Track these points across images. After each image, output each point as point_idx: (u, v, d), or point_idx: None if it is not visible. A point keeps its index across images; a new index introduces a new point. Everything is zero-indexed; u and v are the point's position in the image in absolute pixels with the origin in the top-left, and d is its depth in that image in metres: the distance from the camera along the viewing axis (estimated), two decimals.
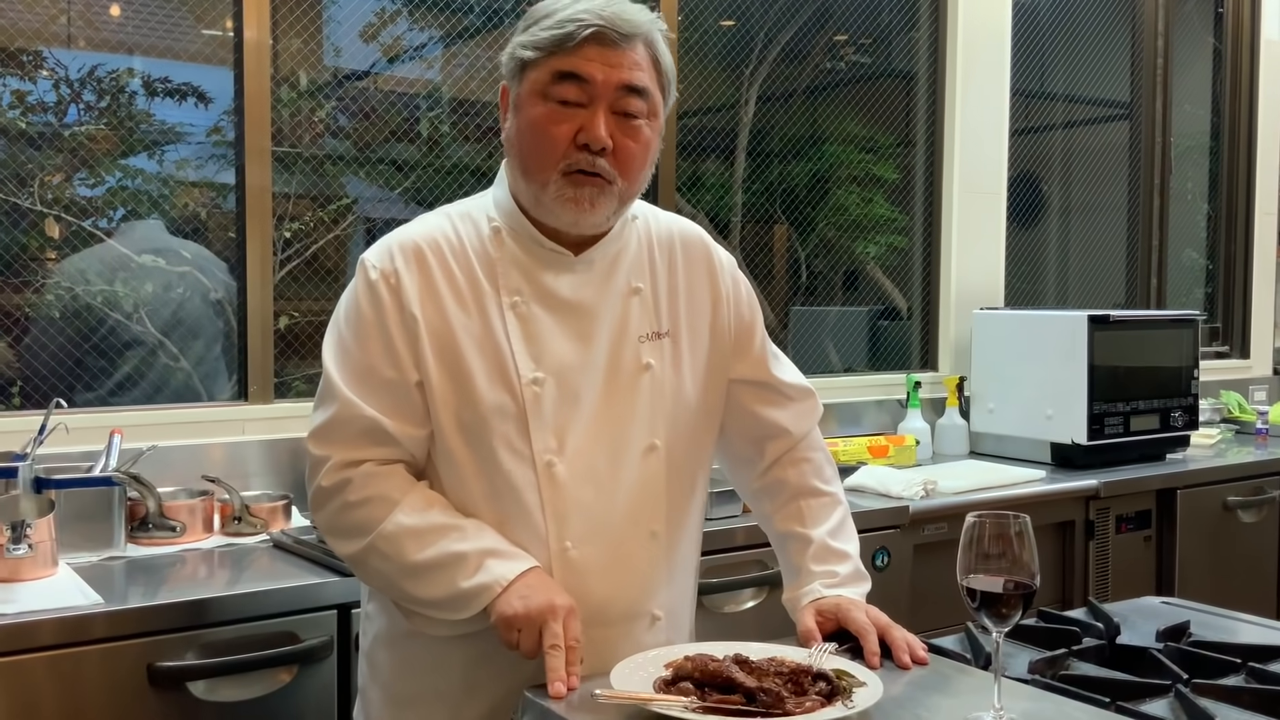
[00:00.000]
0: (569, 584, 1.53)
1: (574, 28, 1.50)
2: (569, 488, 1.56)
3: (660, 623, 1.64)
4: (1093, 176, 4.89)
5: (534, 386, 1.55)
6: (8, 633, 1.78)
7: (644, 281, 1.66)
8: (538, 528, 1.55)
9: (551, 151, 1.52)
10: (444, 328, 1.55)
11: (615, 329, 1.61)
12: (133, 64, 2.83)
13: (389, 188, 3.21)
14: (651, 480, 1.62)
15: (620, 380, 1.60)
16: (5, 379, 2.64)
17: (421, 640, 1.59)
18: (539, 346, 1.57)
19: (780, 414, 1.78)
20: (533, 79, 1.53)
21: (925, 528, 2.87)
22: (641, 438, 1.61)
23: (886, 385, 3.77)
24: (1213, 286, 5.07)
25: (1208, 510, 3.48)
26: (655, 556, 1.63)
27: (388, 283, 1.55)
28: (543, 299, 1.59)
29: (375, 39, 3.22)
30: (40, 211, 2.68)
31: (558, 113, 1.52)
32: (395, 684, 1.64)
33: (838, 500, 1.79)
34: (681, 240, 1.72)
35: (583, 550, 1.56)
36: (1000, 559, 1.33)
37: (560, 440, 1.56)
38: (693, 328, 1.69)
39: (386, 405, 1.54)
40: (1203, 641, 1.72)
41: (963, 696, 1.45)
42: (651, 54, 1.56)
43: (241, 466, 2.62)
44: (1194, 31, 4.99)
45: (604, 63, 1.51)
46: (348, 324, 1.58)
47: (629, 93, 1.53)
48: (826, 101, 4.13)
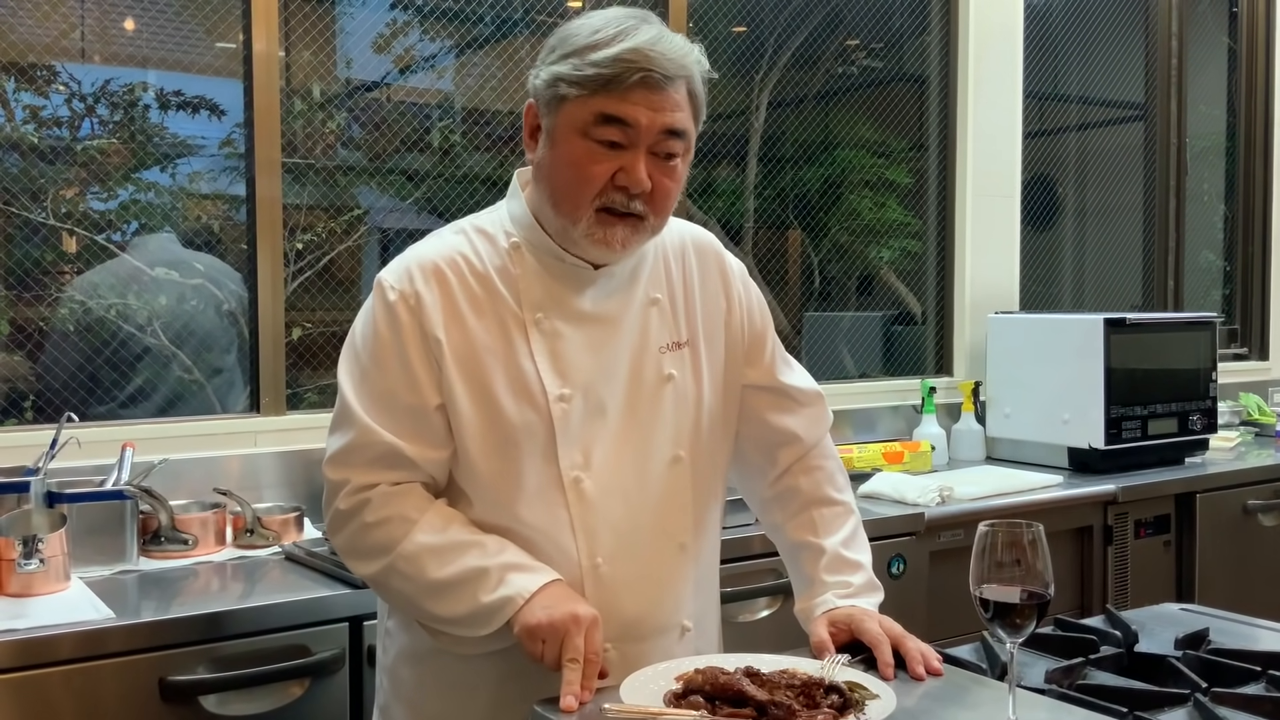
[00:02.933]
0: (601, 600, 1.52)
1: (622, 69, 1.46)
2: (597, 503, 1.55)
3: (690, 634, 1.64)
4: (1108, 178, 4.86)
5: (561, 403, 1.54)
6: (20, 648, 1.78)
7: (661, 291, 1.65)
8: (567, 545, 1.54)
9: (588, 190, 1.50)
10: (467, 349, 1.53)
11: (637, 341, 1.61)
12: (147, 78, 2.84)
13: (401, 198, 3.21)
14: (678, 491, 1.62)
15: (644, 392, 1.60)
16: (18, 393, 2.65)
17: (449, 657, 1.58)
18: (564, 362, 1.56)
19: (791, 420, 1.76)
20: (572, 114, 1.49)
21: (941, 535, 2.84)
22: (667, 449, 1.61)
23: (901, 391, 3.75)
24: (1230, 288, 5.03)
25: (1227, 514, 3.45)
26: (684, 568, 1.63)
27: (407, 304, 1.53)
28: (565, 314, 1.58)
29: (387, 50, 3.22)
30: (53, 226, 2.69)
31: (597, 153, 1.49)
32: (421, 702, 1.62)
33: (850, 509, 1.78)
34: (695, 247, 1.72)
35: (614, 566, 1.55)
36: (1014, 568, 1.32)
37: (587, 456, 1.55)
38: (709, 336, 1.68)
39: (405, 430, 1.52)
40: (1222, 649, 1.70)
41: (978, 708, 1.43)
42: (690, 93, 1.53)
43: (254, 479, 2.62)
44: (1208, 31, 4.96)
45: (648, 107, 1.48)
46: (365, 346, 1.56)
47: (670, 135, 1.50)
48: (838, 106, 4.11)
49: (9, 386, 2.63)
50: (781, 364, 1.78)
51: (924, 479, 3.06)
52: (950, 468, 3.46)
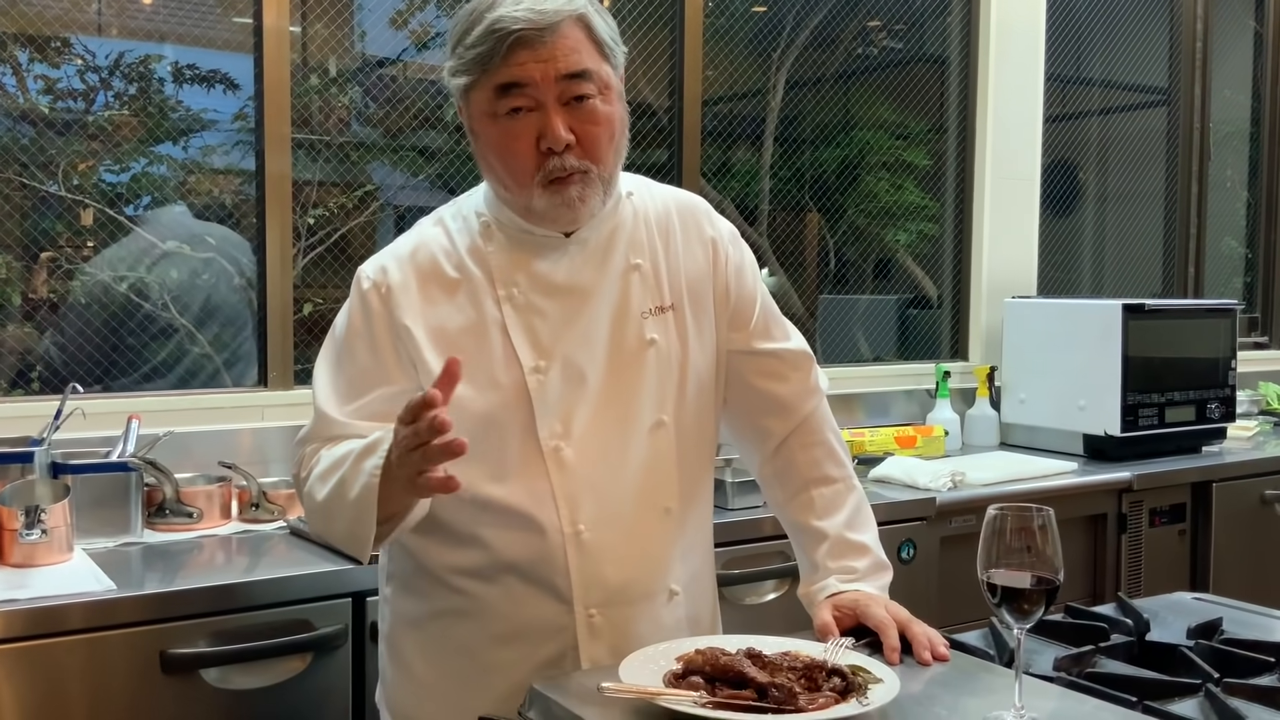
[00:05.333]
0: (585, 566, 1.54)
1: (495, 40, 1.46)
2: (578, 471, 1.55)
3: (678, 598, 1.64)
4: (1129, 163, 4.80)
5: (536, 374, 1.56)
6: (20, 618, 1.78)
7: (643, 257, 1.63)
8: (549, 513, 1.55)
9: (522, 167, 1.51)
10: (441, 329, 1.56)
11: (616, 307, 1.60)
12: (163, 51, 2.82)
13: (414, 174, 3.19)
14: (662, 457, 1.61)
15: (624, 358, 1.59)
16: (26, 364, 2.64)
17: (443, 622, 1.60)
18: (538, 334, 1.57)
19: (779, 386, 1.72)
20: (477, 100, 1.52)
21: (952, 520, 2.82)
22: (649, 414, 1.60)
23: (915, 375, 3.71)
24: (1252, 276, 4.98)
25: (1244, 504, 3.41)
26: (669, 533, 1.62)
27: (378, 293, 1.58)
28: (538, 286, 1.58)
29: (403, 25, 3.20)
30: (63, 197, 2.67)
31: (512, 126, 1.49)
32: (417, 667, 1.64)
33: (851, 485, 1.73)
34: (678, 210, 1.69)
35: (596, 532, 1.56)
36: (1023, 553, 1.29)
37: (566, 424, 1.56)
38: (695, 299, 1.66)
39: (367, 412, 1.56)
40: (1235, 639, 1.67)
41: (985, 695, 1.41)
42: (584, 30, 1.51)
43: (260, 452, 2.61)
44: (1234, 14, 4.89)
45: (535, 61, 1.47)
46: (339, 335, 1.62)
47: (570, 79, 1.49)
48: (857, 87, 4.07)
49: (17, 358, 2.63)
50: (772, 327, 1.74)
51: (936, 464, 3.03)
52: (964, 453, 3.43)
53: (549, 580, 1.55)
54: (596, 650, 1.56)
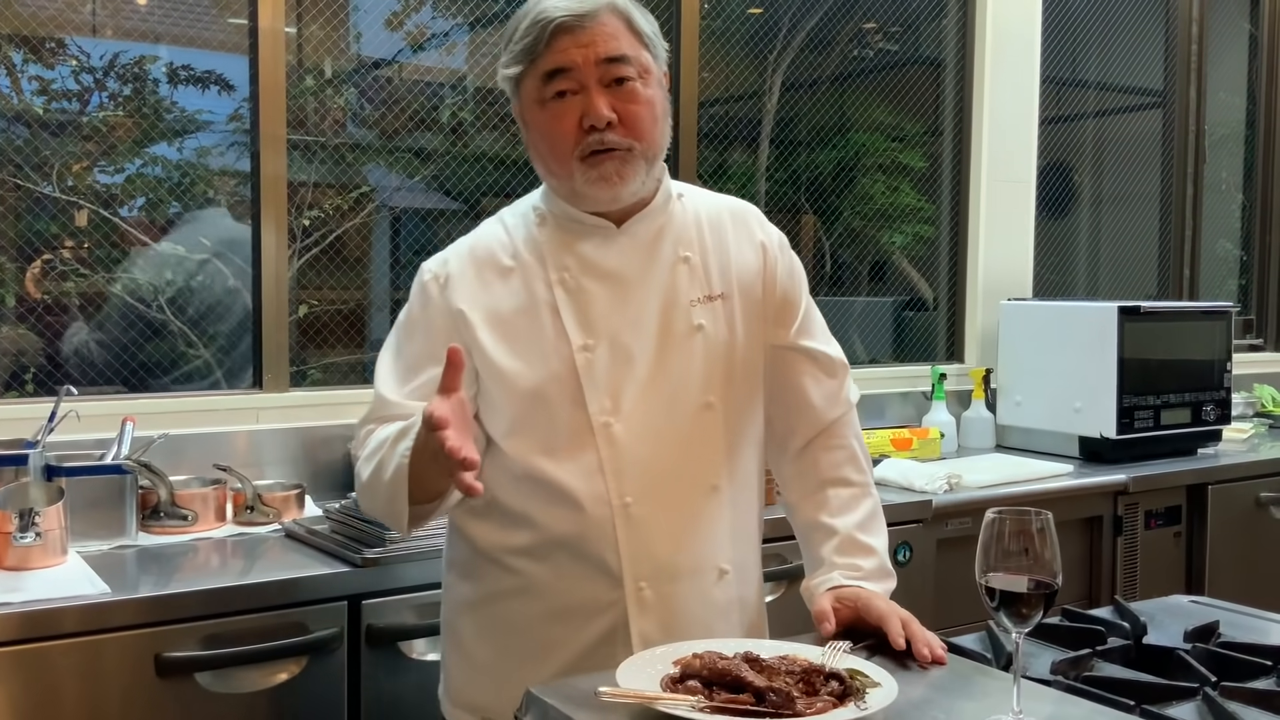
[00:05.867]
0: (633, 540, 1.60)
1: (539, 29, 1.58)
2: (627, 446, 1.61)
3: (728, 576, 1.67)
4: (1125, 166, 4.81)
5: (585, 352, 1.62)
6: (14, 621, 1.77)
7: (692, 250, 1.70)
8: (598, 486, 1.60)
9: (564, 144, 1.60)
10: (495, 312, 1.65)
11: (664, 294, 1.66)
12: (157, 52, 2.81)
13: (410, 176, 3.18)
14: (710, 436, 1.66)
15: (672, 342, 1.65)
16: (20, 365, 2.63)
17: (498, 602, 1.66)
18: (588, 315, 1.63)
19: (812, 385, 1.76)
20: (526, 90, 1.63)
21: (948, 522, 2.82)
22: (697, 395, 1.65)
23: (911, 377, 3.71)
24: (1247, 278, 4.98)
25: (1239, 506, 3.41)
26: (718, 510, 1.66)
27: (437, 283, 1.68)
28: (589, 271, 1.65)
29: (399, 26, 3.19)
30: (58, 199, 2.67)
31: (557, 108, 1.59)
32: (474, 649, 1.70)
33: (868, 491, 1.77)
34: (730, 213, 1.77)
35: (644, 506, 1.60)
36: (1021, 557, 1.29)
37: (615, 401, 1.62)
38: (744, 291, 1.72)
39: (420, 393, 1.63)
40: (1232, 642, 1.67)
41: (982, 699, 1.41)
42: (623, 20, 1.61)
43: (255, 455, 2.61)
44: (1229, 17, 4.89)
45: (577, 46, 1.57)
46: (401, 323, 1.73)
47: (611, 63, 1.58)
48: (853, 89, 4.07)
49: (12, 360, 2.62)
50: (815, 330, 1.80)
51: (932, 466, 3.03)
52: (960, 455, 3.43)
53: (598, 555, 1.60)
54: (646, 625, 1.60)
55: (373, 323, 3.17)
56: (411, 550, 2.11)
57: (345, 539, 2.17)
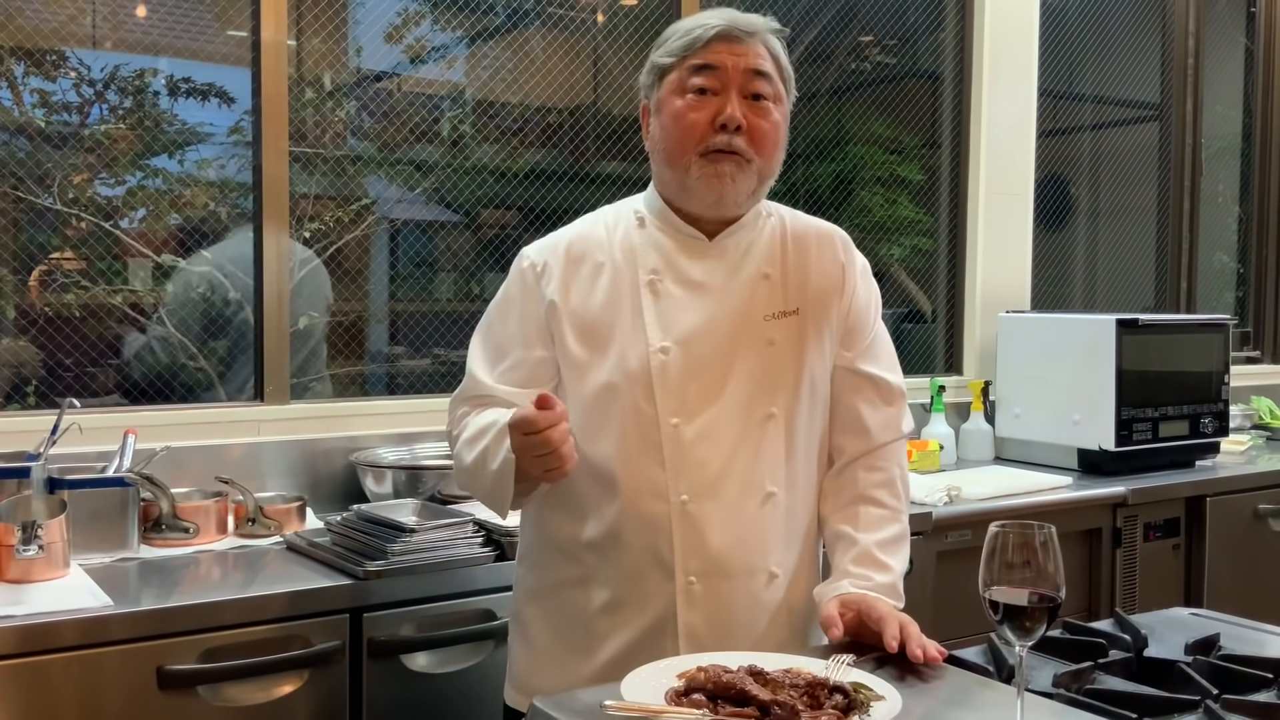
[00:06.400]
0: (687, 534, 1.67)
1: (701, 31, 1.71)
2: (690, 447, 1.68)
3: (778, 580, 1.73)
4: (1122, 178, 4.82)
5: (661, 354, 1.70)
6: (17, 634, 1.77)
7: (774, 268, 1.78)
8: (659, 481, 1.68)
9: (691, 135, 1.69)
10: (583, 307, 1.74)
11: (743, 308, 1.74)
12: (158, 64, 2.82)
13: (410, 188, 3.19)
14: (771, 445, 1.72)
15: (743, 353, 1.73)
16: (22, 378, 2.64)
17: (561, 591, 1.75)
18: (669, 319, 1.72)
19: (868, 409, 1.81)
20: (670, 80, 1.73)
21: (948, 535, 2.82)
22: (761, 406, 1.72)
23: (910, 389, 3.65)
24: (1244, 290, 4.99)
25: (1238, 518, 3.42)
26: (772, 516, 1.72)
27: (534, 271, 1.78)
28: (676, 278, 1.74)
29: (399, 40, 3.20)
30: (58, 211, 2.67)
31: (696, 102, 1.70)
32: (537, 637, 1.79)
33: (898, 518, 1.80)
34: (818, 235, 1.84)
35: (700, 504, 1.68)
36: (1024, 569, 1.30)
37: (683, 403, 1.69)
38: (820, 310, 1.78)
39: (507, 375, 1.77)
40: (1233, 655, 1.67)
41: (984, 711, 1.41)
42: (771, 50, 1.74)
43: (256, 467, 2.61)
44: (1225, 31, 4.91)
45: (731, 53, 1.70)
46: (496, 304, 1.84)
47: (756, 76, 1.70)
48: (851, 102, 4.08)
49: (13, 371, 2.62)
50: (881, 356, 1.85)
51: (932, 478, 3.04)
52: (958, 467, 3.43)
53: (654, 547, 1.68)
54: (694, 619, 1.67)
55: (372, 335, 3.18)
56: (413, 563, 2.12)
57: (346, 551, 2.17)
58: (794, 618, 1.76)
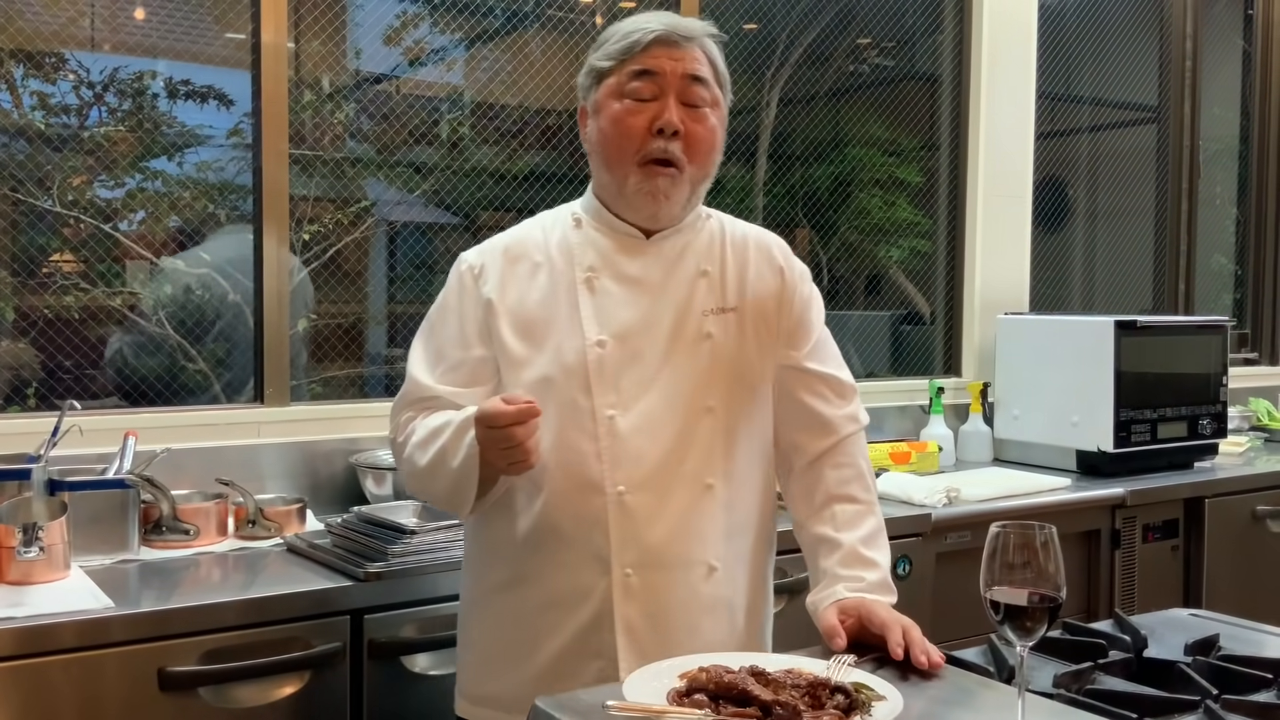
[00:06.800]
0: (623, 525, 1.68)
1: (640, 35, 1.72)
2: (627, 438, 1.69)
3: (717, 574, 1.72)
4: (1120, 180, 4.83)
5: (597, 348, 1.71)
6: (18, 636, 1.77)
7: (713, 266, 1.80)
8: (595, 473, 1.69)
9: (630, 141, 1.71)
10: (520, 305, 1.76)
11: (680, 304, 1.76)
12: (156, 67, 2.82)
13: (409, 190, 3.19)
14: (709, 438, 1.73)
15: (682, 347, 1.74)
16: (22, 380, 2.64)
17: (500, 594, 1.76)
18: (606, 314, 1.73)
19: (823, 405, 1.82)
20: (608, 83, 1.74)
21: (948, 536, 2.83)
22: (699, 399, 1.73)
23: (909, 391, 3.73)
24: (1242, 292, 5.00)
25: (1236, 520, 3.42)
26: (710, 508, 1.72)
27: (471, 273, 1.80)
28: (614, 274, 1.76)
29: (397, 42, 3.21)
30: (59, 213, 2.67)
31: (633, 107, 1.71)
32: (480, 643, 1.80)
33: (873, 510, 1.81)
34: (756, 240, 1.87)
35: (637, 495, 1.68)
36: (1025, 570, 1.30)
37: (620, 395, 1.71)
38: (758, 310, 1.80)
39: (448, 376, 1.77)
40: (1233, 655, 1.68)
41: (985, 712, 1.41)
42: (708, 55, 1.76)
43: (257, 469, 2.61)
44: (1223, 33, 4.92)
45: (669, 58, 1.71)
46: (435, 308, 1.84)
47: (693, 81, 1.72)
48: (849, 104, 4.09)
49: (13, 374, 2.62)
50: (827, 356, 1.86)
51: (931, 480, 3.04)
52: (957, 469, 3.43)
53: (590, 540, 1.68)
54: (630, 611, 1.67)
55: (371, 337, 3.18)
56: (414, 565, 2.12)
57: (347, 553, 2.17)
58: (733, 613, 1.75)
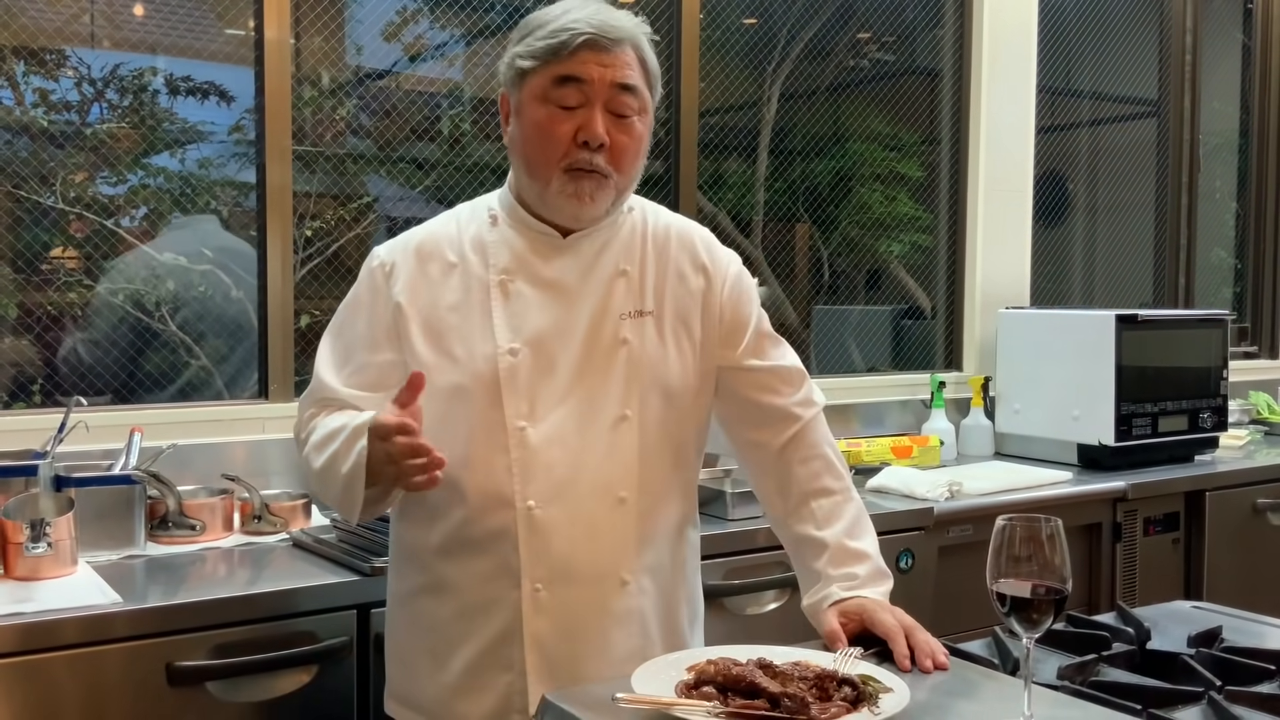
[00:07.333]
0: (533, 541, 1.64)
1: (568, 36, 1.61)
2: (538, 451, 1.65)
3: (629, 587, 1.68)
4: (1120, 174, 4.84)
5: (509, 356, 1.66)
6: (27, 631, 1.78)
7: (632, 265, 1.74)
8: (505, 487, 1.64)
9: (554, 150, 1.64)
10: (432, 310, 1.70)
11: (597, 307, 1.70)
12: (156, 63, 2.83)
13: (410, 186, 3.20)
14: (622, 449, 1.68)
15: (597, 353, 1.69)
16: (27, 377, 2.64)
17: (419, 599, 1.73)
18: (519, 320, 1.68)
19: (772, 399, 1.78)
20: (532, 85, 1.65)
21: (950, 529, 2.83)
22: (613, 408, 1.68)
23: (910, 385, 3.73)
24: (1242, 286, 5.01)
25: (1237, 513, 3.43)
26: (623, 521, 1.68)
27: (382, 271, 1.74)
28: (529, 278, 1.70)
29: (397, 38, 3.21)
30: (62, 210, 2.68)
31: (558, 115, 1.63)
32: (403, 645, 1.77)
33: (849, 496, 1.77)
34: (677, 234, 1.79)
35: (547, 510, 1.64)
36: (1030, 562, 1.31)
37: (532, 406, 1.66)
38: (679, 311, 1.74)
39: (354, 378, 1.72)
40: (1235, 647, 1.69)
41: (990, 703, 1.43)
42: (639, 55, 1.67)
43: (262, 465, 2.62)
44: (1223, 27, 4.93)
45: (598, 64, 1.62)
46: (345, 305, 1.79)
47: (622, 90, 1.64)
48: (850, 99, 4.10)
49: (17, 370, 2.63)
50: (767, 347, 1.80)
51: (933, 474, 3.05)
52: (959, 463, 3.44)
53: (501, 554, 1.65)
54: (540, 626, 1.64)
55: None
56: None
57: (353, 548, 2.18)
58: (646, 625, 1.71)
